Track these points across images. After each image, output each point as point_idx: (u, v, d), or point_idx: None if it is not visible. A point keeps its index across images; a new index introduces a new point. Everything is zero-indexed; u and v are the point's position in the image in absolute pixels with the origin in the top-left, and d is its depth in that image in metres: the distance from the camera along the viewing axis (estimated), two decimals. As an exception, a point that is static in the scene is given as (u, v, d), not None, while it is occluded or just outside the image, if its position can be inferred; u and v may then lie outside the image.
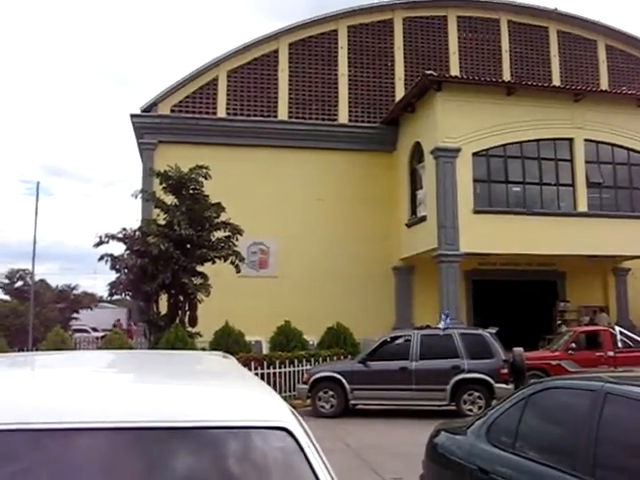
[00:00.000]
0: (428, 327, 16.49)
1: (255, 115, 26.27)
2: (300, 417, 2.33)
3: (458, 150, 22.41)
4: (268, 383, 16.45)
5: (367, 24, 28.02)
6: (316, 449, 2.14)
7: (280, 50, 26.98)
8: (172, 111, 25.92)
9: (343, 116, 27.07)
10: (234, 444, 2.11)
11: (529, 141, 23.53)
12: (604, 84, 29.53)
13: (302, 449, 2.09)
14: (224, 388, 2.58)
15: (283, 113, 26.60)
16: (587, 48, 30.41)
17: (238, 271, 19.15)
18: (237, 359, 14.22)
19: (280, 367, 16.91)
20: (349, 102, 27.27)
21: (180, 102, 26.10)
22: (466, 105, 22.78)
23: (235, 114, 26.17)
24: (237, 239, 18.98)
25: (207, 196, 18.69)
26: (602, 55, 30.44)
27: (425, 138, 23.79)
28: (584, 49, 30.35)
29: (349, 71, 27.52)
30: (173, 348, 14.41)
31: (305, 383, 15.67)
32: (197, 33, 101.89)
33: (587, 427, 4.19)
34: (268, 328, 19.47)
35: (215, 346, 17.05)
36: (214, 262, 18.77)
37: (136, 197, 19.54)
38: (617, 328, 20.19)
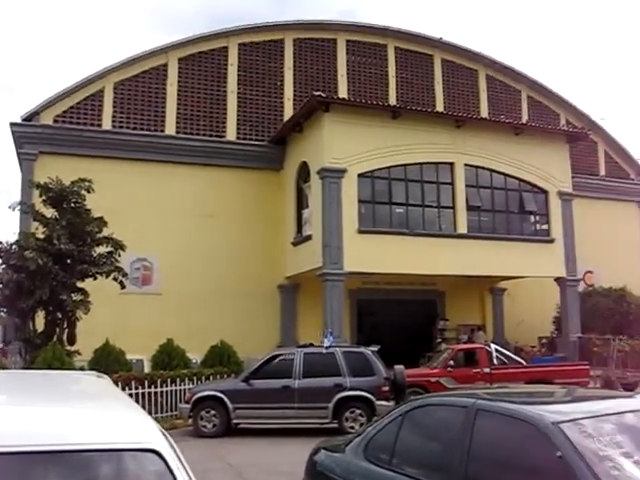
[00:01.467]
0: (311, 345, 16.64)
1: (142, 129, 25.77)
2: (171, 438, 2.34)
3: (344, 171, 22.77)
4: (149, 403, 16.19)
5: (258, 43, 28.13)
6: (186, 471, 2.15)
7: (169, 64, 26.64)
8: (55, 121, 25.06)
9: (231, 133, 26.99)
10: (105, 467, 2.10)
11: (413, 164, 24.16)
12: (484, 112, 30.78)
13: (171, 471, 2.09)
14: (95, 410, 2.55)
15: (171, 128, 26.24)
16: (469, 77, 31.64)
17: (123, 287, 18.70)
18: (117, 378, 13.82)
19: (162, 386, 16.66)
20: (238, 120, 27.23)
21: (64, 112, 25.28)
22: (353, 127, 23.21)
23: (121, 127, 25.59)
24: (119, 255, 18.53)
25: (89, 210, 18.17)
26: (483, 84, 31.76)
27: (312, 158, 24.06)
28: (466, 78, 31.56)
29: (239, 89, 27.50)
30: (50, 368, 13.90)
31: (187, 402, 15.47)
32: (88, 43, 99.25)
33: (460, 442, 4.36)
34: (152, 346, 19.13)
35: (94, 365, 16.59)
36: (95, 278, 18.25)
37: (14, 209, 18.69)
38: (493, 346, 21.02)
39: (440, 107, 29.81)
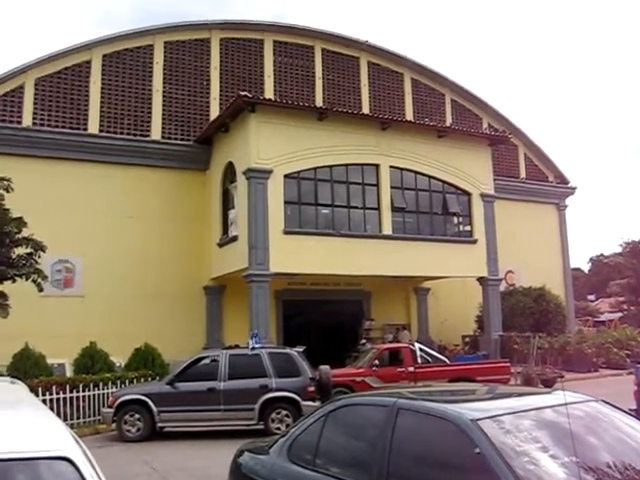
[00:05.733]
0: (237, 347, 16.57)
1: (64, 127, 25.09)
2: (85, 445, 2.29)
3: (270, 172, 22.72)
4: (71, 408, 15.84)
5: (184, 41, 27.79)
6: (99, 478, 2.11)
7: (93, 61, 25.99)
8: (-28, 118, 24.25)
9: (156, 133, 26.57)
10: (15, 476, 2.03)
11: (338, 165, 24.26)
12: (409, 115, 31.21)
13: (84, 479, 2.04)
14: (5, 417, 2.46)
15: (94, 127, 25.60)
16: (394, 80, 32.01)
17: (40, 290, 18.12)
18: (37, 383, 13.47)
19: (84, 390, 16.35)
20: (163, 119, 26.83)
21: (-19, 108, 24.46)
22: (279, 128, 23.20)
23: (42, 125, 24.87)
24: (39, 256, 17.97)
25: (8, 210, 17.60)
26: (408, 87, 32.18)
27: (238, 158, 23.92)
28: (392, 81, 31.92)
29: (164, 87, 27.10)
30: (-35, 372, 13.48)
31: (110, 407, 15.21)
32: (9, 36, 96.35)
33: (382, 441, 4.40)
34: (74, 350, 18.82)
35: (13, 370, 16.19)
36: (14, 281, 17.67)
37: None
38: (417, 345, 21.29)
39: (366, 109, 30.08)
